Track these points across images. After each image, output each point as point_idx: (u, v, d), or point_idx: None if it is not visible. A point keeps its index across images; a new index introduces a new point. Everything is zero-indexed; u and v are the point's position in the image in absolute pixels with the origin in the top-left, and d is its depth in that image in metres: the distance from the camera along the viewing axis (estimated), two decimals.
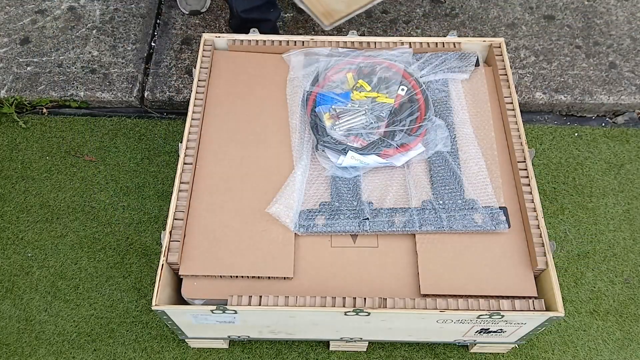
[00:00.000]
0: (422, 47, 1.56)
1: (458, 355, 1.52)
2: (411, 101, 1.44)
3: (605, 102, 1.94)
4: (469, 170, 1.37)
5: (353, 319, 1.21)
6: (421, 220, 1.29)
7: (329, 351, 1.51)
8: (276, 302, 1.18)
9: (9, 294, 1.60)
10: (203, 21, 2.08)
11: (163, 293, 1.20)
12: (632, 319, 1.59)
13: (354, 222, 1.29)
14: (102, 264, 1.65)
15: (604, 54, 2.03)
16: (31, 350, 1.52)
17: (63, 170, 1.82)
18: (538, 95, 1.95)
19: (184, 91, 1.93)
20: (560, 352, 1.54)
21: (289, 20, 2.08)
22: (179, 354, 1.52)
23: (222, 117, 1.46)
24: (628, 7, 2.15)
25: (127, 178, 1.80)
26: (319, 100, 1.44)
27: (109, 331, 1.55)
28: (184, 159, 1.36)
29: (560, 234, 1.72)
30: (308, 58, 1.52)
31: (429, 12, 2.13)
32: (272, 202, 1.32)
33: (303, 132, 1.42)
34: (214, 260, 1.26)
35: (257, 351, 1.52)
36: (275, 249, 1.27)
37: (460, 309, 1.19)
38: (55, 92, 1.92)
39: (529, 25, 2.10)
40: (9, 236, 1.70)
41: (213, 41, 1.56)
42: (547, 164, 1.86)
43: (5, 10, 2.09)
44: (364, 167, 1.36)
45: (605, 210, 1.77)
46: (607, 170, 1.85)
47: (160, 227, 1.71)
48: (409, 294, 1.24)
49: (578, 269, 1.67)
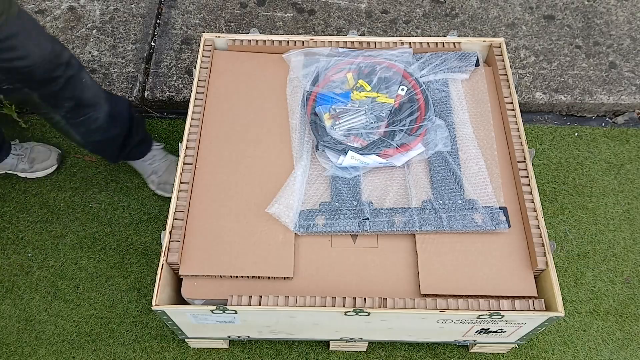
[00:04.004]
0: (422, 47, 1.56)
1: (458, 355, 1.52)
2: (411, 101, 1.44)
3: (605, 102, 1.94)
4: (469, 170, 1.37)
5: (353, 319, 1.21)
6: (421, 220, 1.29)
7: (329, 351, 1.51)
8: (276, 302, 1.18)
9: (9, 294, 1.60)
10: (203, 21, 2.08)
11: (163, 293, 1.20)
12: (632, 319, 1.59)
13: (354, 222, 1.29)
14: (102, 264, 1.65)
15: (604, 54, 2.03)
16: (31, 350, 1.52)
17: (63, 170, 1.82)
18: (538, 95, 1.95)
19: (184, 91, 1.93)
20: (560, 352, 1.54)
21: (289, 20, 2.08)
22: (179, 354, 1.52)
23: (222, 117, 1.46)
24: (628, 7, 2.15)
25: (127, 178, 1.80)
26: (319, 100, 1.44)
27: (109, 331, 1.55)
28: (184, 159, 1.36)
29: (560, 234, 1.72)
30: (308, 58, 1.52)
31: (429, 12, 2.13)
32: (272, 202, 1.31)
33: (303, 132, 1.42)
34: (214, 260, 1.26)
35: (257, 351, 1.52)
36: (275, 249, 1.27)
37: (460, 309, 1.19)
38: None
39: (529, 25, 2.10)
40: (9, 236, 1.70)
41: (213, 41, 1.56)
42: (547, 164, 1.86)
43: None
44: (364, 167, 1.36)
45: (605, 210, 1.77)
46: (607, 170, 1.85)
47: (160, 227, 1.71)
48: (409, 294, 1.24)
49: (578, 269, 1.67)
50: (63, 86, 1.33)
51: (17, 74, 1.25)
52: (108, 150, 1.61)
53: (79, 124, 1.44)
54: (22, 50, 1.22)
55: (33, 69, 1.25)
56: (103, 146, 1.58)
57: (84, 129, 1.46)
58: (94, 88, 1.43)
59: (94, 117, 1.44)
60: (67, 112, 1.40)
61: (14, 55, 1.21)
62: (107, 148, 1.59)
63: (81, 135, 1.49)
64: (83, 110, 1.42)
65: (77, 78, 1.36)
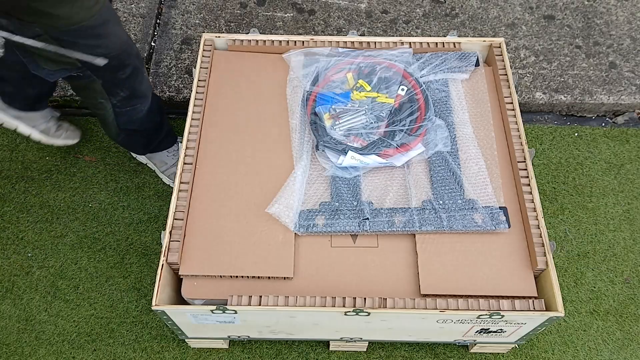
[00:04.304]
0: (422, 47, 1.56)
1: (458, 355, 1.52)
2: (411, 101, 1.44)
3: (605, 102, 1.94)
4: (469, 170, 1.37)
5: (353, 319, 1.21)
6: (421, 220, 1.29)
7: (329, 351, 1.51)
8: (276, 302, 1.18)
9: (9, 294, 1.60)
10: (203, 21, 2.08)
11: (163, 293, 1.20)
12: (632, 319, 1.59)
13: (354, 222, 1.29)
14: (102, 264, 1.65)
15: (604, 54, 2.03)
16: (31, 350, 1.52)
17: (63, 170, 1.82)
18: (538, 95, 1.95)
19: (184, 91, 1.93)
20: (560, 352, 1.54)
21: (289, 20, 2.08)
22: (179, 354, 1.52)
23: (222, 117, 1.46)
24: (628, 7, 2.15)
25: (127, 178, 1.80)
26: (319, 100, 1.44)
27: (109, 331, 1.55)
28: (184, 159, 1.36)
29: (560, 234, 1.72)
30: (308, 58, 1.52)
31: (429, 12, 2.13)
32: (272, 202, 1.31)
33: (303, 132, 1.42)
34: (214, 260, 1.26)
35: (257, 351, 1.52)
36: (275, 249, 1.27)
37: (460, 309, 1.19)
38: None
39: (529, 25, 2.10)
40: (9, 236, 1.70)
41: (213, 41, 1.56)
42: (547, 164, 1.86)
43: None
44: (364, 167, 1.36)
45: (605, 210, 1.77)
46: (607, 170, 1.85)
47: (160, 227, 1.71)
48: (409, 294, 1.24)
49: (578, 269, 1.67)
50: (128, 75, 1.37)
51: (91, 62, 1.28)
52: (138, 141, 1.66)
53: (124, 113, 1.48)
54: (105, 38, 1.26)
55: (110, 57, 1.28)
56: (135, 138, 1.63)
57: (127, 118, 1.50)
58: (147, 81, 1.49)
59: (139, 109, 1.50)
60: (119, 101, 1.44)
61: (98, 43, 1.24)
62: (138, 139, 1.65)
63: (121, 124, 1.52)
64: (133, 101, 1.46)
65: (140, 69, 1.43)
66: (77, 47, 1.22)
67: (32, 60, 1.29)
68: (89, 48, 1.24)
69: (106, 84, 1.38)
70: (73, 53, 1.22)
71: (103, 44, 1.26)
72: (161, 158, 1.74)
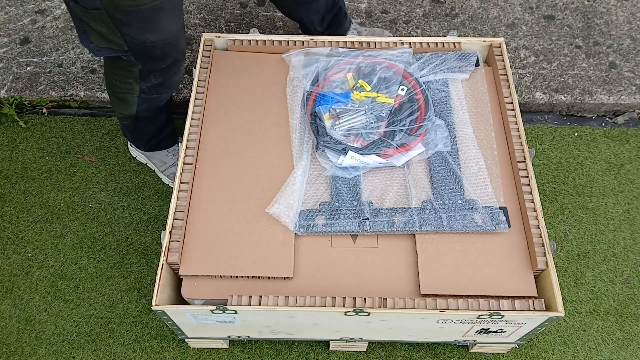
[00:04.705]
0: (422, 47, 1.56)
1: (458, 355, 1.52)
2: (411, 101, 1.44)
3: (605, 102, 1.94)
4: (469, 170, 1.37)
5: (353, 319, 1.21)
6: (421, 220, 1.29)
7: (329, 351, 1.51)
8: (276, 302, 1.18)
9: (9, 294, 1.60)
10: (203, 21, 2.08)
11: (163, 293, 1.20)
12: (632, 319, 1.59)
13: (354, 222, 1.29)
14: (102, 264, 1.65)
15: (604, 54, 2.03)
16: (31, 350, 1.52)
17: (63, 170, 1.82)
18: (538, 95, 1.95)
19: (183, 91, 1.93)
20: (560, 352, 1.54)
21: (289, 20, 2.08)
22: (179, 354, 1.52)
23: (222, 117, 1.46)
24: (628, 7, 2.15)
25: (127, 178, 1.80)
26: (319, 100, 1.44)
27: (109, 331, 1.55)
28: (184, 159, 1.36)
29: (560, 234, 1.72)
30: (308, 58, 1.52)
31: (429, 12, 2.13)
32: (272, 202, 1.32)
33: (303, 132, 1.42)
34: (214, 260, 1.26)
35: (257, 351, 1.52)
36: (275, 249, 1.27)
37: (460, 309, 1.19)
38: (55, 92, 1.92)
39: (529, 25, 2.10)
40: (9, 236, 1.70)
41: (213, 41, 1.56)
42: (547, 164, 1.86)
43: (5, 10, 2.09)
44: (364, 167, 1.36)
45: (605, 210, 1.77)
46: (607, 170, 1.85)
47: (160, 227, 1.71)
48: (409, 294, 1.24)
49: (578, 269, 1.67)
50: (168, 65, 1.37)
51: (137, 47, 1.27)
52: (144, 133, 1.66)
53: (148, 100, 1.48)
54: (157, 26, 1.24)
55: (156, 45, 1.27)
56: (143, 127, 1.62)
57: (147, 105, 1.50)
58: (181, 74, 1.49)
59: (163, 98, 1.51)
60: (148, 87, 1.43)
61: (149, 28, 1.23)
62: (145, 130, 1.64)
63: (140, 110, 1.51)
64: (161, 89, 1.46)
65: (181, 62, 1.42)
66: (128, 28, 1.21)
67: (84, 31, 1.27)
68: (138, 32, 1.22)
69: (144, 69, 1.36)
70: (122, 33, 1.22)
71: (153, 30, 1.24)
72: (160, 157, 1.74)
